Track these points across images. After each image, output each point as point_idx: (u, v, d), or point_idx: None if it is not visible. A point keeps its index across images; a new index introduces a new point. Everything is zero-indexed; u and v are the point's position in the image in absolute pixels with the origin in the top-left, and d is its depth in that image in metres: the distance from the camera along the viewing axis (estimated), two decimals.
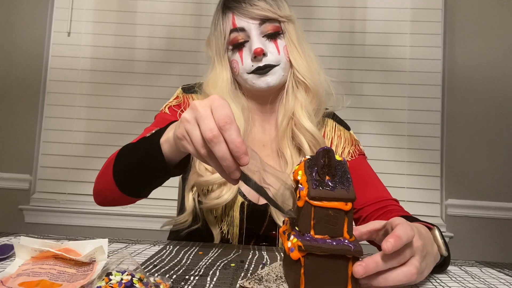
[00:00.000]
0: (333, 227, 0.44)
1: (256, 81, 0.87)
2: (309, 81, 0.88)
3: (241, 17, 0.86)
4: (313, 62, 0.91)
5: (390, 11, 1.97)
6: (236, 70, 0.89)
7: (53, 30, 2.04)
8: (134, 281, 0.44)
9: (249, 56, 0.86)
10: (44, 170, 1.99)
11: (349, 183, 0.44)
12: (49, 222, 1.93)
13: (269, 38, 0.87)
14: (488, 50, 1.91)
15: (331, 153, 0.45)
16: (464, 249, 1.83)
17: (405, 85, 1.93)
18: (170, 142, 0.61)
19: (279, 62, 0.87)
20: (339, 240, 0.44)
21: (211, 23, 0.93)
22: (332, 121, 0.98)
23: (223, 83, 0.89)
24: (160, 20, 2.01)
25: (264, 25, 0.86)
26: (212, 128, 0.48)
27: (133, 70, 2.00)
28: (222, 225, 0.87)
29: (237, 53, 0.88)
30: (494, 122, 1.88)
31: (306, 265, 0.44)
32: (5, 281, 0.48)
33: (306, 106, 0.88)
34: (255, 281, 0.49)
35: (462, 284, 0.57)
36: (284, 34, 0.89)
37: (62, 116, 1.99)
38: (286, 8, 0.90)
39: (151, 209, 1.90)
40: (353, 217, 0.45)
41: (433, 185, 1.88)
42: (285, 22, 0.89)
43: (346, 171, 0.45)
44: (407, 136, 1.91)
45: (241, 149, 0.48)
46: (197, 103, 0.51)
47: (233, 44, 0.87)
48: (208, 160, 0.51)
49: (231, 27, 0.87)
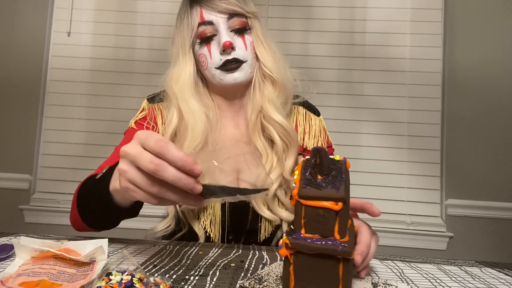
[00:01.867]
0: (323, 226, 0.44)
1: (224, 77, 0.88)
2: (275, 75, 0.90)
3: (209, 10, 0.86)
4: (278, 57, 0.93)
5: (390, 11, 1.97)
6: (205, 64, 0.89)
7: (53, 30, 2.04)
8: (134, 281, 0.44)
9: (218, 49, 0.86)
10: (44, 170, 1.99)
11: (341, 182, 0.44)
12: (49, 222, 1.93)
13: (236, 33, 0.88)
14: (488, 50, 1.91)
15: (322, 153, 0.45)
16: (464, 249, 1.83)
17: (405, 85, 1.93)
18: (119, 192, 0.57)
19: (246, 59, 0.88)
20: (329, 240, 0.44)
21: (176, 18, 0.94)
22: (302, 108, 1.00)
23: (185, 77, 0.89)
24: (160, 20, 2.01)
25: (232, 19, 0.87)
26: (151, 160, 0.46)
27: (133, 70, 2.00)
28: (205, 224, 0.87)
29: (205, 47, 0.88)
30: (494, 122, 1.88)
31: (295, 263, 0.45)
32: (5, 281, 0.48)
33: (273, 99, 0.89)
34: (255, 281, 0.48)
35: (462, 284, 0.57)
36: (251, 29, 0.90)
37: (62, 116, 1.99)
38: (251, 5, 0.91)
39: (151, 209, 1.89)
40: (346, 218, 0.45)
41: (433, 185, 1.88)
42: (251, 18, 0.90)
43: (341, 171, 0.45)
44: (407, 136, 1.91)
45: (188, 162, 0.46)
46: (125, 149, 0.49)
47: (201, 37, 0.88)
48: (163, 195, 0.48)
49: (199, 20, 0.87)
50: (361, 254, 0.52)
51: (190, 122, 0.85)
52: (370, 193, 1.84)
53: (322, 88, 1.94)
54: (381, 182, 1.86)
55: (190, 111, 0.86)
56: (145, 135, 0.48)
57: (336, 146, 1.49)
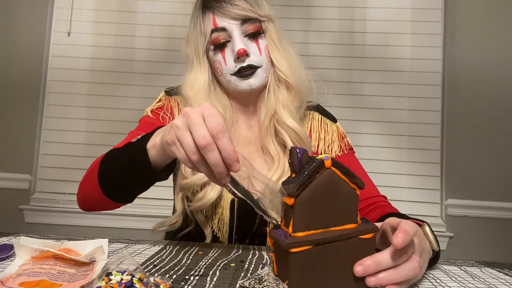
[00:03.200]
0: (288, 220, 0.47)
1: (239, 83, 0.87)
2: (290, 79, 0.89)
3: (222, 17, 0.85)
4: (293, 60, 0.92)
5: (390, 11, 1.97)
6: (220, 71, 0.89)
7: (53, 30, 2.04)
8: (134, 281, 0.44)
9: (232, 56, 0.86)
10: (44, 170, 1.99)
11: (298, 179, 0.46)
12: (49, 222, 1.93)
13: (250, 38, 0.87)
14: (488, 50, 1.91)
15: (292, 152, 0.48)
16: (464, 249, 1.83)
17: (405, 85, 1.93)
18: (157, 147, 0.61)
19: (261, 64, 0.87)
20: (281, 231, 0.48)
21: (190, 22, 0.93)
22: (317, 114, 1.00)
23: (200, 85, 0.89)
24: (160, 20, 2.01)
25: (245, 25, 0.86)
26: (205, 135, 0.48)
27: (133, 70, 2.00)
28: (212, 223, 0.88)
29: (219, 53, 0.87)
30: (494, 122, 1.88)
31: (274, 250, 0.50)
32: (5, 281, 0.48)
33: (287, 104, 0.89)
34: (255, 281, 0.49)
35: (462, 284, 0.57)
36: (265, 33, 0.89)
37: (62, 116, 1.99)
38: (266, 7, 0.89)
39: (151, 209, 1.90)
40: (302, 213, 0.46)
41: (433, 185, 1.88)
42: (265, 22, 0.89)
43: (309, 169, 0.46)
44: (407, 136, 1.91)
45: (233, 157, 0.49)
46: (188, 110, 0.51)
47: (215, 44, 0.87)
48: (198, 165, 0.51)
49: (212, 27, 0.86)
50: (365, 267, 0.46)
51: None
52: None
53: (322, 88, 1.94)
54: (381, 182, 1.84)
55: None
56: (210, 112, 0.50)
57: None
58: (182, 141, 0.51)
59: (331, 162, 0.47)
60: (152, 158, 0.63)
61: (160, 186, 0.75)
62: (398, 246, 0.44)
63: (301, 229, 0.46)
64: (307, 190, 0.46)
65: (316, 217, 0.46)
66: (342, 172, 0.47)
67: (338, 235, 0.47)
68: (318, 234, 0.46)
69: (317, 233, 0.46)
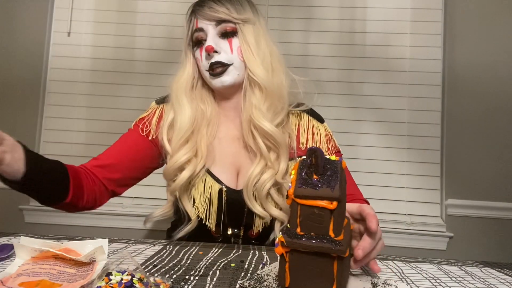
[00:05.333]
0: (318, 225, 0.45)
1: (213, 80, 0.95)
2: (262, 81, 0.91)
3: (201, 19, 0.95)
4: (270, 62, 0.95)
5: (390, 11, 1.97)
6: (200, 67, 0.98)
7: (53, 30, 2.04)
8: (134, 281, 0.44)
9: (205, 54, 0.94)
10: None
11: (336, 182, 0.44)
12: (49, 222, 1.93)
13: (223, 37, 0.94)
14: (488, 50, 1.91)
15: (317, 153, 0.46)
16: (464, 249, 1.83)
17: (405, 85, 1.93)
18: None
19: (232, 62, 0.93)
20: (323, 238, 0.44)
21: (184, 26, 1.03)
22: (305, 114, 1.04)
23: (184, 78, 0.98)
24: (160, 20, 2.01)
25: (220, 25, 0.94)
26: None
27: (133, 70, 2.00)
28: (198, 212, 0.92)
29: (198, 51, 0.97)
30: (494, 122, 1.88)
31: (290, 260, 0.46)
32: (5, 281, 0.48)
33: (259, 106, 0.91)
34: (255, 281, 0.49)
35: (462, 284, 0.57)
36: (238, 34, 0.94)
37: (62, 116, 1.99)
38: (245, 11, 0.95)
39: (151, 209, 1.88)
40: (342, 216, 0.45)
41: (433, 185, 1.88)
42: (240, 24, 0.94)
43: (337, 170, 0.45)
44: (407, 136, 1.91)
45: None
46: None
47: (194, 41, 0.98)
48: None
49: (195, 27, 0.97)
50: (363, 249, 0.53)
51: (178, 118, 0.94)
52: (370, 193, 1.84)
53: (322, 88, 1.94)
54: (381, 182, 1.85)
55: (180, 108, 0.95)
56: None
57: None
58: None
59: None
60: None
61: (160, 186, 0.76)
62: (375, 229, 0.53)
63: (339, 233, 0.45)
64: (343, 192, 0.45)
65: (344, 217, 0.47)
66: None
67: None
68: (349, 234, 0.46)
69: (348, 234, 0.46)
